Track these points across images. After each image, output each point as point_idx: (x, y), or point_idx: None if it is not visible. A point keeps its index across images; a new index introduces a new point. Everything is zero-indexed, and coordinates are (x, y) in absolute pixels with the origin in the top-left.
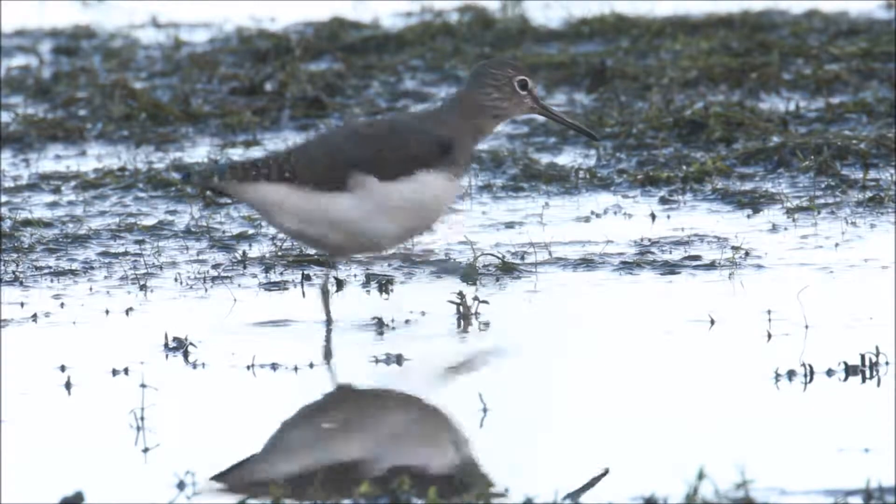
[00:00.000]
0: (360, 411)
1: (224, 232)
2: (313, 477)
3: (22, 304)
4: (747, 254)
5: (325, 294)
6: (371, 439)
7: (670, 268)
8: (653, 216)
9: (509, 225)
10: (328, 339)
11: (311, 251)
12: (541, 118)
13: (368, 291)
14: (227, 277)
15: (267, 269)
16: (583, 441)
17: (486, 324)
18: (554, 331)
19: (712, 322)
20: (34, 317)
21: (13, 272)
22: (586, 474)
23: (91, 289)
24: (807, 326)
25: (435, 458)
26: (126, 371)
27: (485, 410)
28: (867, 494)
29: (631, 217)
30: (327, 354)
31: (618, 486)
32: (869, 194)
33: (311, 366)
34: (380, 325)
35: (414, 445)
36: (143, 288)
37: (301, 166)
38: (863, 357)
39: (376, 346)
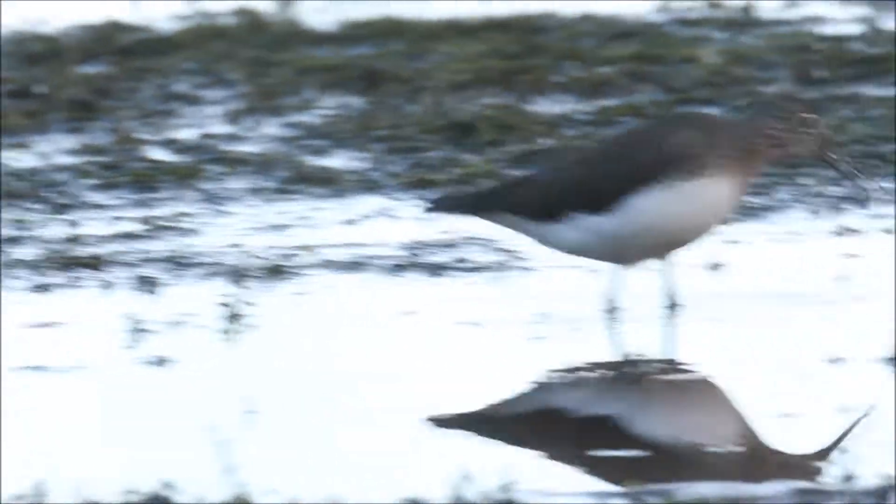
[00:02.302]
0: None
1: None
2: None
3: None
4: (515, 256)
5: None
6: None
7: (439, 270)
8: (422, 219)
9: (278, 227)
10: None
11: (83, 254)
12: None
13: (136, 293)
14: None
15: (36, 272)
16: (351, 443)
17: (254, 326)
18: (322, 333)
19: (480, 324)
20: None
21: None
22: (354, 475)
23: None
24: (573, 328)
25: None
26: None
27: (250, 413)
28: (630, 496)
29: (400, 220)
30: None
31: (384, 488)
32: None
33: (79, 368)
34: (143, 327)
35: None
36: None
37: None
38: (628, 359)
39: (142, 348)
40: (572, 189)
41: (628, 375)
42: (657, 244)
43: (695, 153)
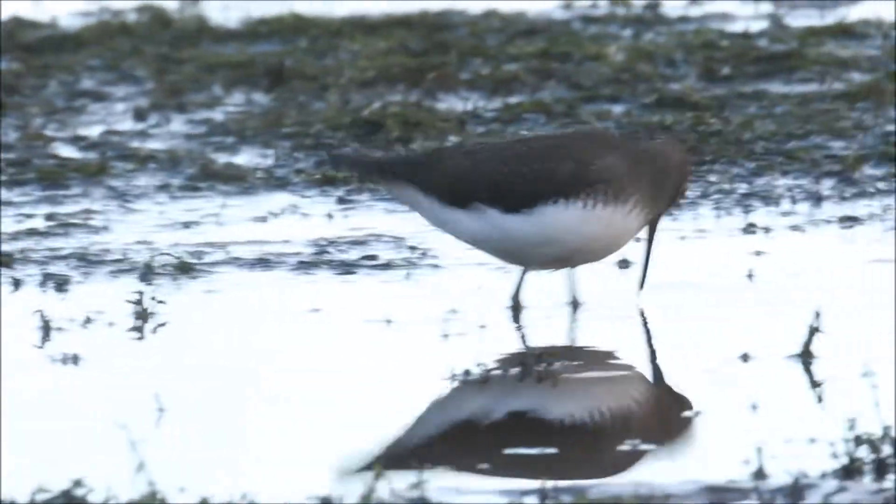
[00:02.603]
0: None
1: None
2: None
3: None
4: (424, 253)
5: None
6: None
7: (347, 267)
8: (330, 216)
9: (187, 225)
10: None
11: None
12: None
13: (45, 291)
14: None
15: None
16: (262, 441)
17: (164, 324)
18: (232, 331)
19: (389, 321)
20: None
21: None
22: (266, 472)
23: None
24: (482, 326)
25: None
26: None
27: (161, 410)
28: (542, 494)
29: (308, 217)
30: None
31: (294, 487)
32: None
33: None
34: (53, 325)
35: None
36: None
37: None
38: (538, 356)
39: (53, 346)
40: (488, 182)
41: (539, 373)
42: (558, 256)
43: (619, 182)
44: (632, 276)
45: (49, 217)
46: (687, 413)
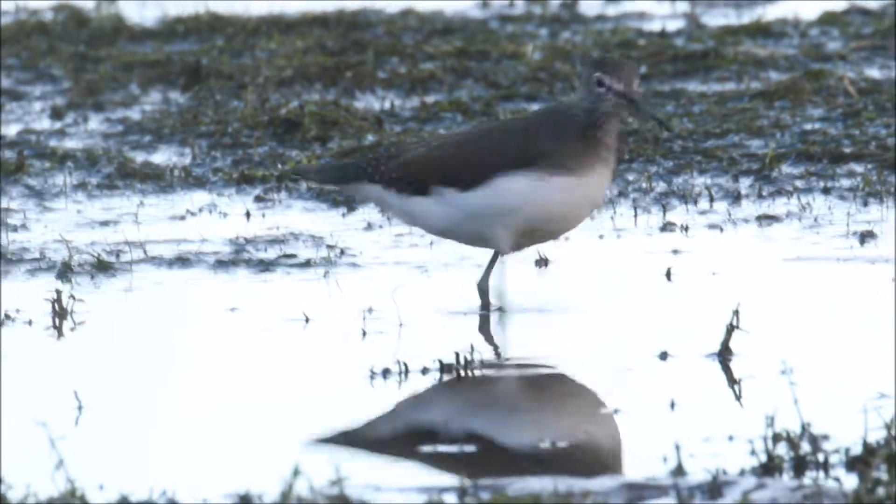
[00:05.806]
0: None
1: None
2: None
3: None
4: (343, 252)
5: None
6: None
7: (266, 266)
8: (248, 214)
9: (104, 223)
10: None
11: None
12: None
13: None
14: None
15: None
16: (181, 438)
17: (82, 322)
18: (150, 329)
19: (307, 320)
20: None
21: None
22: (185, 470)
23: None
24: (401, 324)
25: None
26: None
27: (80, 408)
28: (461, 491)
29: (226, 216)
30: None
31: (213, 484)
32: None
33: None
34: None
35: None
36: None
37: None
38: (458, 355)
39: None
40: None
41: (458, 370)
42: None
43: (559, 150)
44: (550, 275)
45: None
46: (606, 411)
